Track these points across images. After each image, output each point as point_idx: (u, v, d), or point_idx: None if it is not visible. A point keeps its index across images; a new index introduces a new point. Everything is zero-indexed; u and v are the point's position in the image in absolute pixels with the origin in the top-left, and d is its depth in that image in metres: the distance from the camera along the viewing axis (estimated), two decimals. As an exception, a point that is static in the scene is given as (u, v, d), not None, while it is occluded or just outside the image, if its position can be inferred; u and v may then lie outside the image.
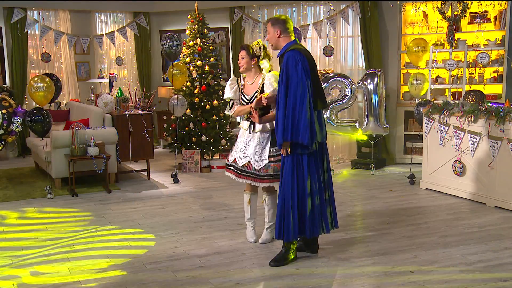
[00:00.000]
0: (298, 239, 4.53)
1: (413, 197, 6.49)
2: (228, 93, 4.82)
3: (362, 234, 5.14)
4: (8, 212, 6.06)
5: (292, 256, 4.44)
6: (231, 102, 4.85)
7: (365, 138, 8.00)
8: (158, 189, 7.14)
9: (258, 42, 4.72)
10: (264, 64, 4.70)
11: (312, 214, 4.30)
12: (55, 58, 10.12)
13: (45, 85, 6.42)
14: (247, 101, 4.74)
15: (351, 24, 8.80)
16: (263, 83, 4.64)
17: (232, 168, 4.80)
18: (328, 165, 4.48)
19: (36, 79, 6.48)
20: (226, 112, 4.97)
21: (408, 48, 7.32)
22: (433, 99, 7.73)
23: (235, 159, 4.77)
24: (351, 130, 7.82)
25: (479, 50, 7.65)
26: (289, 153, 4.22)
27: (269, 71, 4.68)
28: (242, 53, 4.73)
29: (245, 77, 4.85)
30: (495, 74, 7.90)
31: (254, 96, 4.68)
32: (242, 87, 4.81)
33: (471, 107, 6.15)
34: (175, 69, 7.61)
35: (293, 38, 4.37)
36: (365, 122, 7.70)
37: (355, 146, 8.62)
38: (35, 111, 6.41)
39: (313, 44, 9.16)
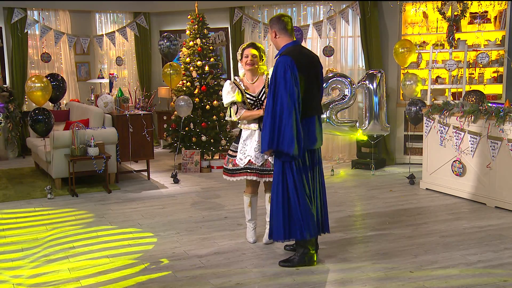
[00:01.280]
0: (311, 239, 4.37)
1: (413, 197, 6.49)
2: (231, 97, 4.63)
3: (362, 234, 5.13)
4: (8, 212, 6.06)
5: (309, 260, 4.30)
6: (235, 106, 4.68)
7: (365, 138, 8.00)
8: (158, 189, 7.14)
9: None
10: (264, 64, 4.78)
11: (301, 215, 4.19)
12: (55, 58, 10.12)
13: (41, 85, 6.39)
14: (254, 98, 4.65)
15: (351, 24, 8.79)
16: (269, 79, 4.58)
17: (229, 170, 4.73)
18: (320, 169, 4.39)
19: (33, 78, 6.45)
20: (230, 118, 4.78)
21: (394, 49, 7.32)
22: (433, 99, 7.73)
23: (236, 163, 4.69)
24: (350, 130, 7.81)
25: (479, 50, 7.65)
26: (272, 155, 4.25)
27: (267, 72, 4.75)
28: (254, 52, 4.62)
29: (240, 78, 4.76)
30: (495, 74, 7.90)
31: (263, 92, 4.63)
32: (244, 87, 4.69)
33: (471, 107, 6.15)
34: (169, 69, 7.61)
35: (292, 38, 4.27)
36: (366, 123, 7.70)
37: (355, 146, 8.61)
38: (37, 111, 6.42)
39: (313, 44, 9.16)
